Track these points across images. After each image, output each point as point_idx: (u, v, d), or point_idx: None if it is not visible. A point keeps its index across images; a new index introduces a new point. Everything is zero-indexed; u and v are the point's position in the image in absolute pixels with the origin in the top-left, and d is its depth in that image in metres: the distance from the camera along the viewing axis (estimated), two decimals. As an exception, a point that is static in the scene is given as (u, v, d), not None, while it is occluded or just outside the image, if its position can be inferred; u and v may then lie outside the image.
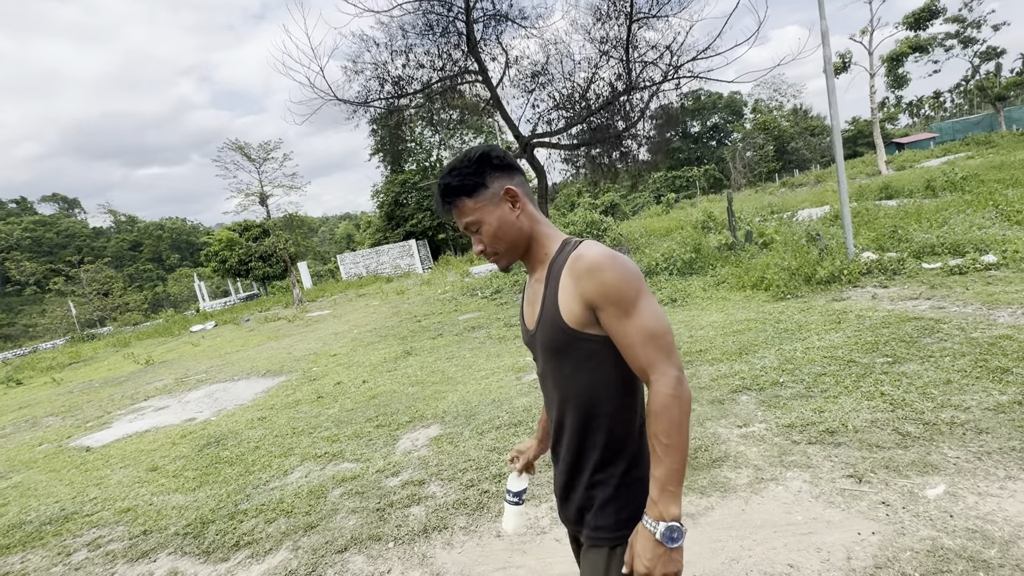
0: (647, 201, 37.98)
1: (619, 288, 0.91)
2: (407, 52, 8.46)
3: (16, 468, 5.14)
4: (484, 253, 1.07)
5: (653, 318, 0.91)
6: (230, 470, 3.93)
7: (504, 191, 1.02)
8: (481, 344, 6.57)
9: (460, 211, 1.04)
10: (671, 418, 0.87)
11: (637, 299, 0.91)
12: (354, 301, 15.62)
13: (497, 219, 1.03)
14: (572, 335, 0.97)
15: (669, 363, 0.90)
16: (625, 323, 0.91)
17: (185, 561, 2.77)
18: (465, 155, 1.04)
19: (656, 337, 0.91)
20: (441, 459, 3.36)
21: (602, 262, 0.92)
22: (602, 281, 0.91)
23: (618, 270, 0.92)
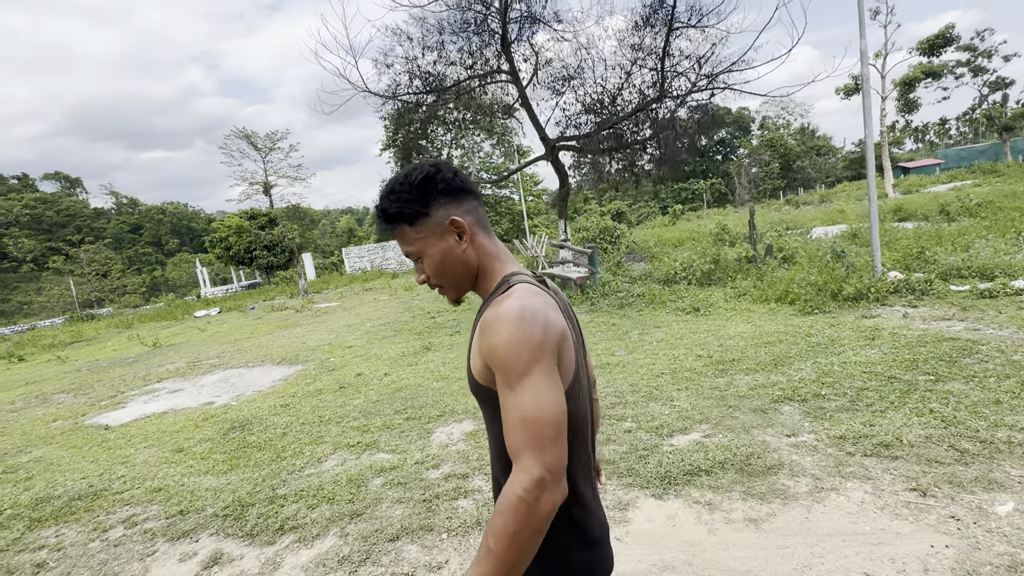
0: (651, 211, 38.11)
1: (506, 355, 0.78)
2: (439, 48, 8.49)
3: (34, 443, 5.09)
4: (428, 283, 0.97)
5: (535, 400, 0.76)
6: (260, 455, 3.90)
7: (449, 221, 0.90)
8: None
9: (400, 238, 0.94)
10: (507, 523, 0.73)
11: (524, 374, 0.77)
12: (361, 295, 15.59)
13: (440, 252, 0.92)
14: (478, 388, 0.89)
15: (535, 459, 0.74)
16: (506, 396, 0.79)
17: (229, 543, 2.75)
18: (407, 176, 0.92)
19: (529, 423, 0.75)
20: (481, 454, 3.35)
21: (501, 320, 0.80)
22: (492, 344, 0.80)
23: (511, 334, 0.78)
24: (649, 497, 2.56)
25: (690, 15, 7.47)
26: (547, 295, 0.89)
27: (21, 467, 4.38)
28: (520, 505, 0.72)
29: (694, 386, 4.00)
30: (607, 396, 4.05)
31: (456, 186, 0.93)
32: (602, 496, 2.64)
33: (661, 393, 3.94)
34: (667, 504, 2.48)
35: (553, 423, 0.76)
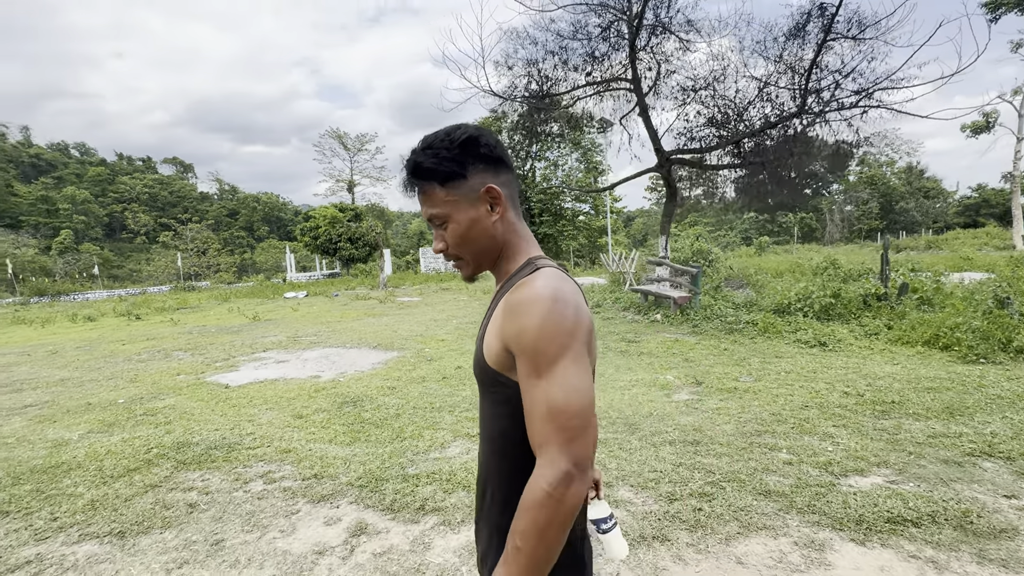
0: (732, 241, 36.35)
1: (537, 339, 0.72)
2: (561, 53, 8.50)
3: (164, 392, 5.45)
4: (444, 254, 0.89)
5: (563, 391, 0.71)
6: (379, 432, 3.89)
7: (485, 189, 0.84)
8: (603, 355, 6.31)
9: (427, 198, 0.85)
10: (535, 519, 0.69)
11: (555, 361, 0.72)
12: (440, 293, 15.89)
13: (469, 220, 0.84)
14: (489, 374, 0.83)
15: (563, 452, 0.70)
16: (532, 384, 0.73)
17: (370, 514, 2.69)
18: (448, 133, 0.84)
19: (558, 414, 0.71)
20: (620, 464, 3.12)
21: (532, 301, 0.74)
22: (521, 326, 0.74)
23: (543, 318, 0.72)
24: (847, 541, 2.23)
25: (850, 25, 6.94)
26: (573, 281, 0.82)
27: (159, 412, 4.68)
28: (548, 500, 0.69)
29: (852, 424, 3.56)
30: (746, 422, 3.71)
31: (497, 155, 0.86)
32: (784, 528, 2.34)
33: (813, 427, 3.54)
34: (874, 553, 2.14)
35: (582, 413, 0.71)
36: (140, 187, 73.61)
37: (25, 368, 7.36)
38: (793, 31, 7.33)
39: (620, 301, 10.36)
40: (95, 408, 4.91)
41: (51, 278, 32.76)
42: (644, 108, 8.66)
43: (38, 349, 9.21)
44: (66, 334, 11.55)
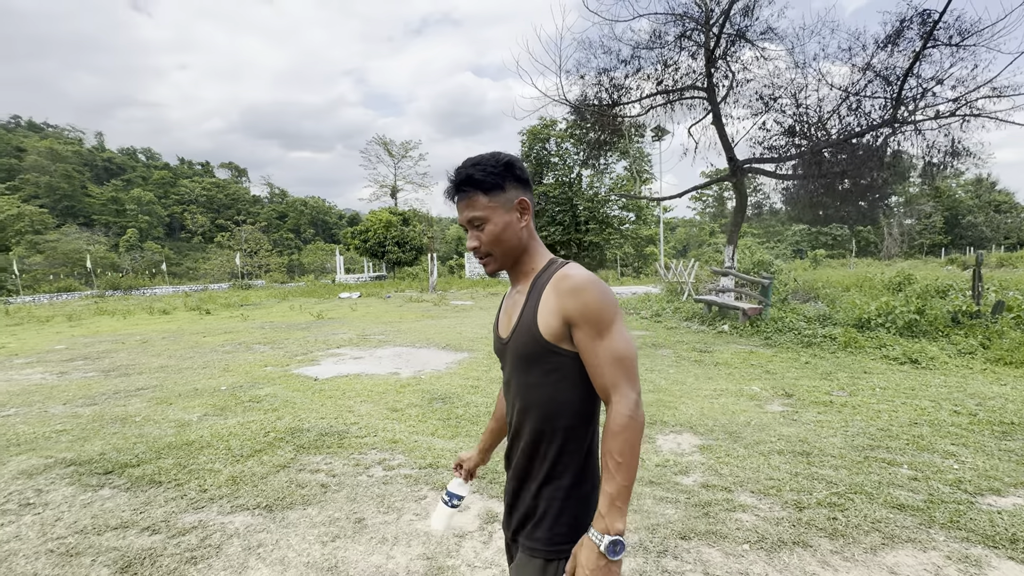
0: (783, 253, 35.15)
1: (598, 310, 0.96)
2: (635, 61, 8.55)
3: (259, 381, 5.77)
4: (477, 251, 1.08)
5: (623, 342, 0.96)
6: (477, 429, 4.02)
7: (518, 201, 1.06)
8: (678, 363, 6.28)
9: (471, 204, 1.05)
10: (627, 438, 0.91)
11: (612, 323, 0.96)
12: (490, 298, 16.10)
13: (503, 223, 1.05)
14: (544, 346, 1.00)
15: (631, 386, 0.94)
16: (597, 343, 0.96)
17: (497, 505, 2.80)
18: (493, 156, 1.05)
19: (623, 360, 0.95)
20: (732, 471, 3.12)
21: (587, 283, 0.97)
22: (584, 301, 0.96)
23: (599, 294, 0.97)
24: (1005, 559, 2.17)
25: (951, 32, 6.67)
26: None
27: (263, 399, 4.97)
28: (631, 422, 0.91)
29: (973, 444, 3.43)
30: (854, 436, 3.63)
31: (525, 177, 1.08)
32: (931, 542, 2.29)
33: (931, 445, 3.43)
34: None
35: (636, 358, 0.97)
36: (198, 190, 77.75)
37: (123, 355, 7.94)
38: (888, 39, 7.09)
39: (681, 311, 10.23)
40: (202, 393, 5.27)
41: (120, 273, 35.06)
42: (718, 117, 8.57)
43: (127, 339, 9.90)
44: (147, 325, 12.35)
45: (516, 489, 1.10)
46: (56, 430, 4.20)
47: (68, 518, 2.75)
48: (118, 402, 5.03)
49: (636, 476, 0.94)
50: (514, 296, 1.12)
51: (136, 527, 2.64)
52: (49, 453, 3.67)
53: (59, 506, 2.89)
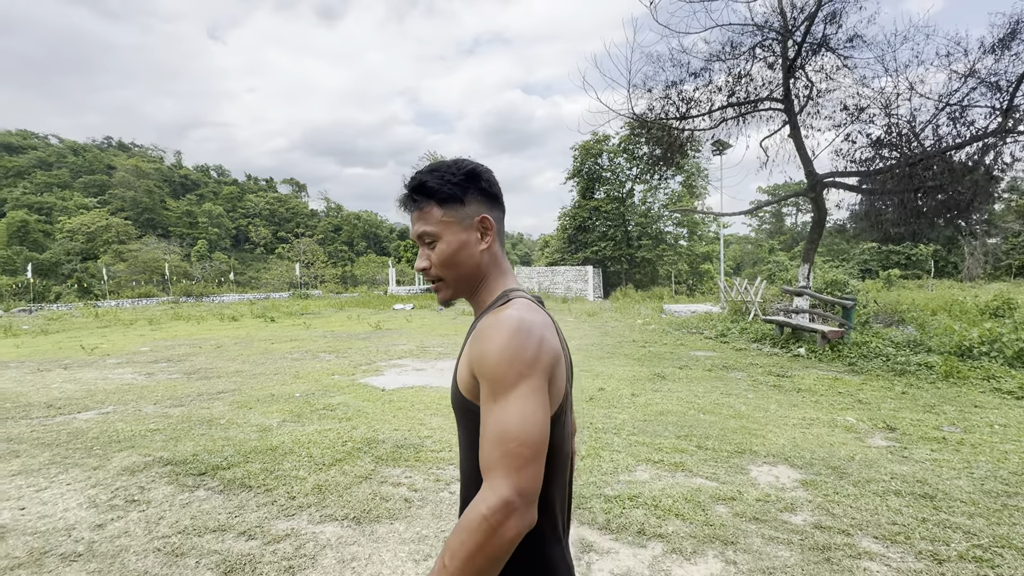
0: (849, 273, 33.07)
1: (497, 364, 0.74)
2: (706, 74, 8.34)
3: (330, 390, 5.90)
4: (426, 273, 0.91)
5: (518, 416, 0.71)
6: (552, 448, 3.89)
7: (480, 218, 0.89)
8: (755, 387, 5.92)
9: (422, 216, 0.89)
10: (464, 543, 0.68)
11: (513, 387, 0.73)
12: (542, 313, 15.97)
13: (458, 242, 0.88)
14: (461, 402, 0.84)
15: (509, 479, 0.68)
16: (488, 408, 0.74)
17: (587, 531, 2.66)
18: (455, 162, 0.90)
19: (507, 440, 0.70)
20: (846, 511, 2.84)
21: (497, 328, 0.76)
22: (483, 350, 0.76)
23: (508, 343, 0.74)
24: None
25: None
26: (545, 314, 0.84)
27: (336, 408, 5.06)
28: (482, 524, 0.67)
29: None
30: (982, 479, 3.24)
31: (493, 192, 0.91)
32: None
33: (1081, 494, 2.99)
34: None
35: (533, 444, 0.70)
36: (262, 204, 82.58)
37: (201, 359, 8.38)
38: (1000, 42, 6.52)
39: (748, 332, 9.74)
40: (278, 400, 5.43)
41: (192, 281, 37.55)
42: (795, 128, 8.16)
43: (203, 343, 10.48)
44: (219, 331, 13.07)
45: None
46: (150, 429, 4.42)
47: (170, 517, 2.84)
48: (202, 404, 5.27)
49: None
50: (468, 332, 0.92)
51: (233, 531, 2.69)
52: (147, 451, 3.85)
53: (160, 504, 3.00)
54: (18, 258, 48.71)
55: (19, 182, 67.41)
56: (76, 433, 4.32)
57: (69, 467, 3.57)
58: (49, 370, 7.46)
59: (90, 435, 4.27)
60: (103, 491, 3.19)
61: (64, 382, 6.52)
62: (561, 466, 0.85)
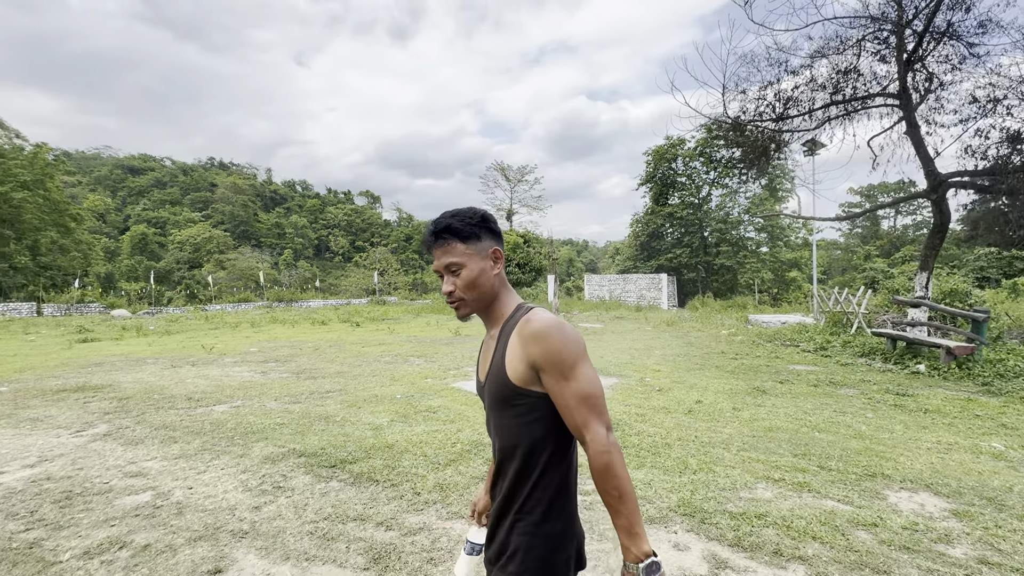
0: (964, 281, 29.55)
1: (560, 354, 1.01)
2: (805, 71, 7.88)
3: (427, 392, 6.17)
4: (451, 295, 1.13)
5: (588, 382, 1.01)
6: (659, 460, 3.82)
7: (492, 250, 1.15)
8: (873, 406, 5.47)
9: (448, 250, 1.12)
10: (613, 472, 0.97)
11: (575, 365, 1.01)
12: (618, 321, 15.71)
13: (478, 270, 1.12)
14: (513, 390, 1.06)
15: (599, 421, 1.00)
16: (563, 385, 1.01)
17: (719, 547, 2.59)
18: (470, 209, 1.15)
19: (589, 398, 1.00)
20: (1014, 547, 2.56)
21: (548, 329, 1.02)
22: (546, 346, 1.01)
23: (560, 337, 1.01)
24: None
25: None
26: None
27: (438, 410, 5.29)
28: (608, 456, 0.97)
29: None
30: None
31: (498, 231, 1.18)
32: None
33: None
34: None
35: (602, 395, 1.03)
36: (340, 215, 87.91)
37: (304, 360, 9.05)
38: None
39: (852, 345, 9.00)
40: (383, 400, 5.76)
41: (281, 287, 40.69)
42: (913, 125, 7.45)
43: (301, 345, 11.32)
44: (312, 334, 14.05)
45: (495, 523, 1.16)
46: (277, 423, 4.85)
47: (313, 504, 3.11)
48: (317, 402, 5.70)
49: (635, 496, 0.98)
50: (489, 341, 1.18)
51: (371, 521, 2.89)
52: (280, 443, 4.23)
53: (303, 492, 3.28)
54: (139, 267, 55.33)
55: (140, 199, 76.69)
56: (217, 424, 4.84)
57: (219, 454, 4.01)
58: (180, 367, 8.39)
59: (228, 426, 4.77)
60: (252, 477, 3.55)
61: (195, 378, 7.31)
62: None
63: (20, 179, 26.57)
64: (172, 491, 3.32)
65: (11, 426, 4.86)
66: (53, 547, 2.64)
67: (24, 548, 2.62)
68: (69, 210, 31.34)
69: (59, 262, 30.00)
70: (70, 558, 2.54)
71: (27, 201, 26.91)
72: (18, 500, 3.19)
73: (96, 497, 3.24)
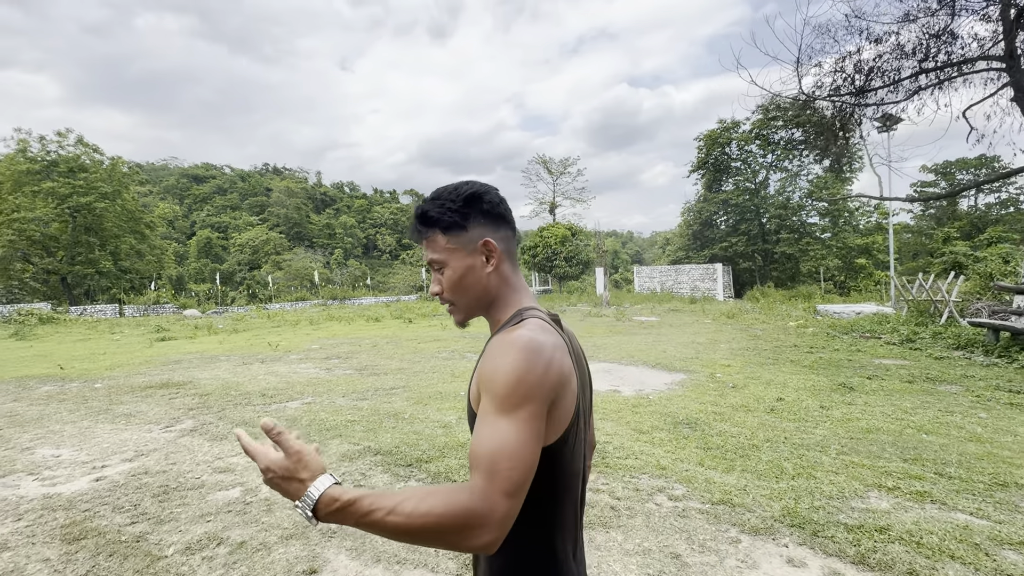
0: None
1: (504, 383, 0.73)
2: (890, 38, 7.18)
3: (490, 389, 6.11)
4: (440, 297, 0.93)
5: (515, 441, 0.70)
6: (749, 464, 3.56)
7: (482, 242, 0.89)
8: (984, 405, 4.94)
9: (429, 244, 0.92)
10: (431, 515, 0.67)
11: (515, 408, 0.72)
12: (674, 314, 15.20)
13: (464, 268, 0.90)
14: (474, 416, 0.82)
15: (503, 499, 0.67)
16: (488, 418, 0.73)
17: (842, 565, 2.34)
18: (456, 188, 0.91)
19: (503, 459, 0.69)
20: None
21: (507, 347, 0.76)
22: (493, 367, 0.76)
23: (516, 363, 0.74)
24: None
25: None
26: (558, 335, 0.83)
27: (504, 407, 5.21)
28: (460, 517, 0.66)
29: None
30: None
31: (498, 212, 0.92)
32: None
33: None
34: None
35: (523, 471, 0.70)
36: (387, 214, 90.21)
37: (364, 356, 9.25)
38: None
39: (944, 337, 8.24)
40: (447, 397, 5.75)
41: (333, 286, 42.22)
42: (1023, 91, 6.63)
43: (359, 342, 11.60)
44: (368, 331, 14.40)
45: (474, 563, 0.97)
46: (348, 420, 4.91)
47: (396, 504, 3.08)
48: (383, 399, 5.76)
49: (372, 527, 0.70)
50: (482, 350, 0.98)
51: (456, 524, 2.82)
52: (354, 440, 4.27)
53: (384, 492, 3.27)
54: (205, 269, 59.01)
55: (204, 206, 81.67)
56: (292, 420, 4.96)
57: (298, 450, 4.08)
58: (251, 364, 8.77)
59: (303, 422, 4.88)
60: (334, 473, 3.58)
61: (266, 375, 7.60)
62: (572, 484, 0.85)
63: (101, 191, 28.82)
64: (259, 487, 3.40)
65: (108, 420, 5.19)
66: (157, 541, 2.74)
67: (132, 542, 2.73)
68: (144, 218, 33.75)
69: (137, 266, 32.39)
70: (174, 553, 2.61)
71: (108, 211, 29.18)
72: (122, 493, 3.36)
73: (190, 492, 3.36)
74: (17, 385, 7.30)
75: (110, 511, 3.10)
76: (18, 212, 25.80)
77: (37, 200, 26.78)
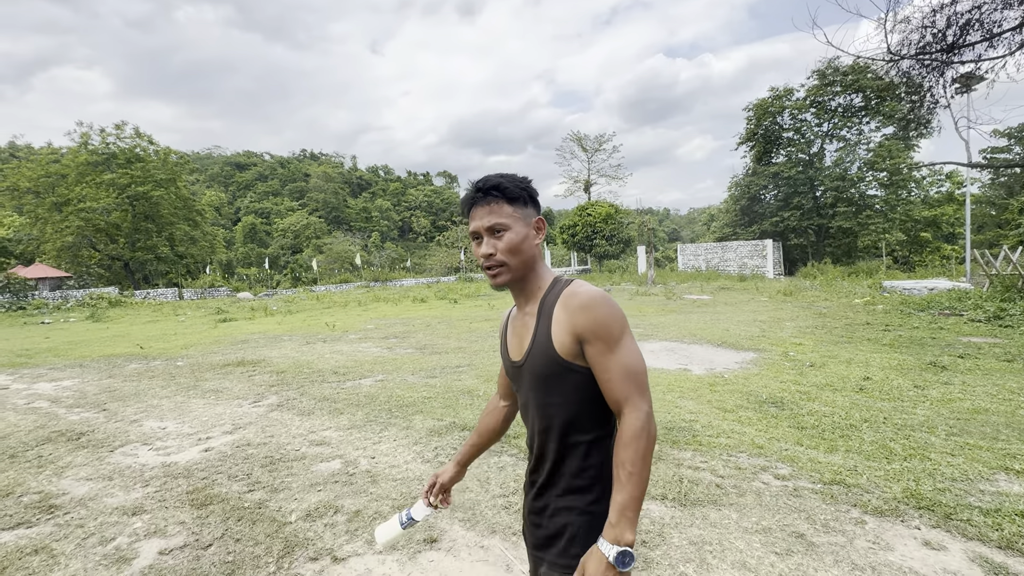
0: None
1: (607, 324, 0.98)
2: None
3: (556, 367, 6.10)
4: (490, 258, 1.06)
5: (633, 356, 0.99)
6: (851, 444, 3.41)
7: (536, 219, 1.11)
8: (1100, 384, 4.56)
9: (495, 210, 1.06)
10: (638, 448, 0.93)
11: (621, 337, 0.98)
12: (726, 292, 14.77)
13: (523, 234, 1.07)
14: (561, 365, 1.02)
15: (642, 399, 0.96)
16: (608, 357, 0.97)
17: (987, 549, 2.21)
18: (522, 176, 1.11)
19: (634, 374, 0.97)
20: None
21: (595, 300, 0.99)
22: (594, 317, 0.98)
23: (608, 309, 0.99)
24: None
25: None
26: None
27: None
28: (643, 434, 0.94)
29: None
30: None
31: (539, 204, 1.14)
32: None
33: None
34: None
35: (646, 372, 1.00)
36: (421, 197, 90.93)
37: (420, 336, 9.40)
38: None
39: (1038, 313, 7.66)
40: (515, 375, 5.77)
41: (373, 268, 43.11)
42: None
43: (411, 322, 11.81)
44: (416, 311, 14.65)
45: (540, 508, 1.12)
46: (424, 396, 5.01)
47: (495, 478, 3.12)
48: (452, 377, 5.84)
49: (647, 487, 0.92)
50: (522, 318, 1.13)
51: (561, 498, 2.83)
52: (437, 416, 4.35)
53: (480, 466, 3.30)
54: (252, 254, 61.31)
55: (247, 193, 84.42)
56: (370, 397, 5.10)
57: (385, 425, 4.19)
58: (313, 343, 9.07)
59: (381, 398, 5.00)
60: (424, 448, 3.66)
61: (331, 353, 7.84)
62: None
63: (156, 178, 30.19)
64: (358, 460, 3.51)
65: (199, 396, 5.48)
66: (277, 508, 2.87)
67: (255, 508, 2.87)
68: (196, 205, 35.22)
69: (191, 251, 33.97)
70: (297, 519, 2.73)
71: (163, 199, 30.59)
72: (232, 463, 3.54)
73: (295, 463, 3.50)
74: (107, 363, 7.80)
75: (226, 479, 3.27)
76: (83, 202, 27.38)
77: (100, 191, 28.31)
